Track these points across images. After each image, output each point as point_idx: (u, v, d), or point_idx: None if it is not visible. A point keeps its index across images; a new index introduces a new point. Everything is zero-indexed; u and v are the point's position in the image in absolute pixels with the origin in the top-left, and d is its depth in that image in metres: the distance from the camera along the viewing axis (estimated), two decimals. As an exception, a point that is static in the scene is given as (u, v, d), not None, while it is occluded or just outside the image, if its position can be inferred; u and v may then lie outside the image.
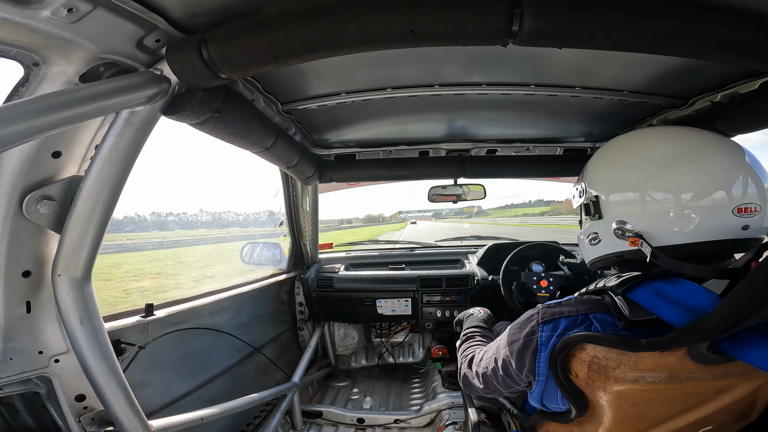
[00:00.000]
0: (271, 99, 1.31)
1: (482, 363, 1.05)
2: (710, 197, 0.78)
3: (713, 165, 0.81)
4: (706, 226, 0.78)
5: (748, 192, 0.78)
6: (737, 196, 0.77)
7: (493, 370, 0.99)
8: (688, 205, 0.79)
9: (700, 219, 0.78)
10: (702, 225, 0.78)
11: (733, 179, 0.79)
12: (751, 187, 0.78)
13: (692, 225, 0.79)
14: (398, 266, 2.54)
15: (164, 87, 0.80)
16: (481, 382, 1.06)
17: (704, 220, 0.78)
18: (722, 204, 0.77)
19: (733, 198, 0.77)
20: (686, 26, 0.71)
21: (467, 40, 0.71)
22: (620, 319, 0.74)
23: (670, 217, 0.80)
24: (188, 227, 71.80)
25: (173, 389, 1.39)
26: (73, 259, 0.83)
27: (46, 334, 0.87)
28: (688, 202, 0.79)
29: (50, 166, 0.79)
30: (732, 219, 0.77)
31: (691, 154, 0.83)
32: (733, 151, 0.83)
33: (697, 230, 0.79)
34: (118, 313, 1.21)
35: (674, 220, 0.80)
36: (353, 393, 2.37)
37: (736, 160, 0.81)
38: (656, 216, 0.82)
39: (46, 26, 0.62)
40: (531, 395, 0.96)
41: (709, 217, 0.78)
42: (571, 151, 2.05)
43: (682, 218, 0.79)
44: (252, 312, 1.99)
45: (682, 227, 0.80)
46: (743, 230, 0.77)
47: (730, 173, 0.80)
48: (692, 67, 1.13)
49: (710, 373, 0.72)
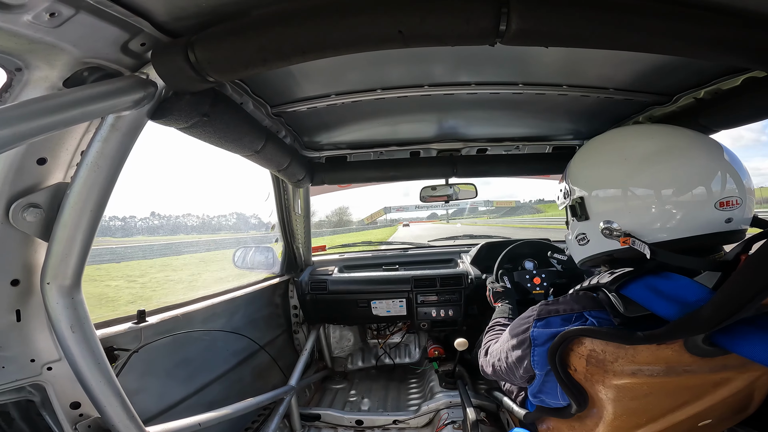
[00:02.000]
0: (260, 102, 1.31)
1: (494, 354, 1.10)
2: (691, 193, 0.80)
3: (693, 162, 0.83)
4: (691, 222, 0.80)
5: (728, 186, 0.79)
6: (717, 191, 0.79)
7: (499, 362, 1.04)
8: (670, 201, 0.81)
9: (684, 215, 0.80)
10: (687, 220, 0.80)
11: (712, 175, 0.80)
12: (730, 182, 0.80)
13: (677, 221, 0.80)
14: (392, 267, 2.54)
15: (150, 91, 0.80)
16: (493, 372, 1.12)
17: (688, 215, 0.80)
18: (704, 199, 0.79)
19: (714, 193, 0.79)
20: (670, 24, 0.72)
21: (455, 41, 0.72)
22: (615, 315, 0.75)
23: (654, 215, 0.82)
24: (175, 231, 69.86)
25: (169, 395, 1.38)
26: (61, 266, 0.82)
27: (38, 342, 0.86)
28: (670, 198, 0.80)
29: (35, 173, 0.78)
30: (715, 213, 0.78)
31: (671, 151, 0.85)
32: (712, 148, 0.84)
33: (682, 226, 0.80)
34: (110, 320, 1.20)
35: (659, 217, 0.82)
36: (351, 395, 2.36)
37: (715, 156, 0.83)
38: (641, 214, 0.84)
39: (27, 31, 0.61)
40: (529, 389, 0.98)
41: (692, 213, 0.80)
42: (560, 149, 2.08)
43: (667, 215, 0.81)
44: (246, 316, 1.98)
45: (666, 224, 0.81)
46: (727, 223, 0.79)
47: (710, 169, 0.81)
48: (675, 64, 1.14)
49: (707, 365, 0.73)
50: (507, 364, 1.00)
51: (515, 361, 0.96)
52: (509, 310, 1.49)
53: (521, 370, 0.95)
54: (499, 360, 1.04)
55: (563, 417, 0.93)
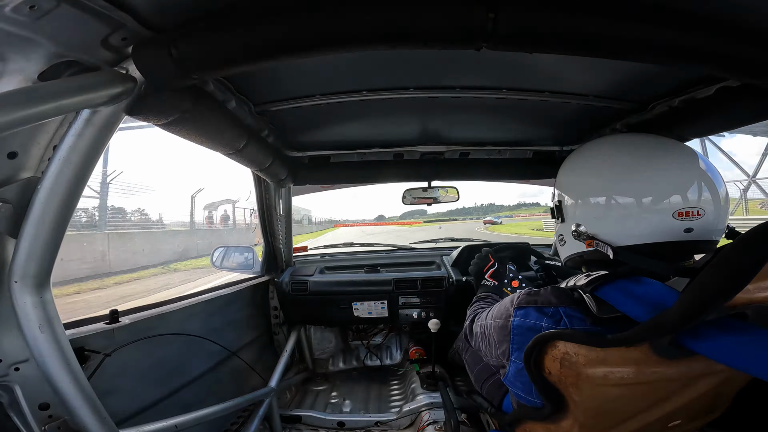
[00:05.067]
0: (244, 100, 1.30)
1: (478, 324, 1.12)
2: (647, 201, 0.83)
3: (655, 171, 0.86)
4: (647, 228, 0.84)
5: (691, 196, 0.82)
6: (677, 201, 0.82)
7: (482, 335, 1.07)
8: (629, 209, 0.85)
9: (641, 221, 0.84)
10: (643, 227, 0.84)
11: (675, 183, 0.84)
12: (694, 192, 0.83)
13: (636, 227, 0.84)
14: (373, 269, 2.54)
15: (129, 86, 0.78)
16: (473, 341, 1.15)
17: (645, 222, 0.84)
18: (661, 207, 0.82)
19: (673, 203, 0.82)
20: (648, 32, 0.74)
21: (442, 44, 0.73)
22: (588, 315, 0.78)
23: (615, 221, 0.86)
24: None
25: (144, 397, 1.34)
26: (30, 264, 0.80)
27: (5, 342, 0.83)
28: (630, 206, 0.85)
29: (5, 167, 0.76)
30: (672, 222, 0.82)
31: (639, 161, 0.89)
32: (683, 157, 0.88)
33: (642, 232, 0.84)
34: (80, 320, 1.16)
35: (619, 223, 0.86)
36: (332, 396, 2.35)
37: (684, 166, 0.86)
38: (603, 219, 0.88)
39: (5, 23, 0.59)
40: (506, 379, 1.00)
41: (649, 220, 0.83)
42: (540, 154, 2.12)
43: (626, 221, 0.85)
44: (224, 317, 1.94)
45: (626, 230, 0.85)
46: (686, 233, 0.82)
47: (672, 178, 0.85)
48: (651, 72, 1.18)
49: (675, 367, 0.75)
50: (488, 341, 1.03)
51: (496, 342, 0.99)
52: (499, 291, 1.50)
53: (500, 351, 0.98)
54: (481, 335, 1.08)
55: (539, 418, 0.95)
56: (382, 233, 31.57)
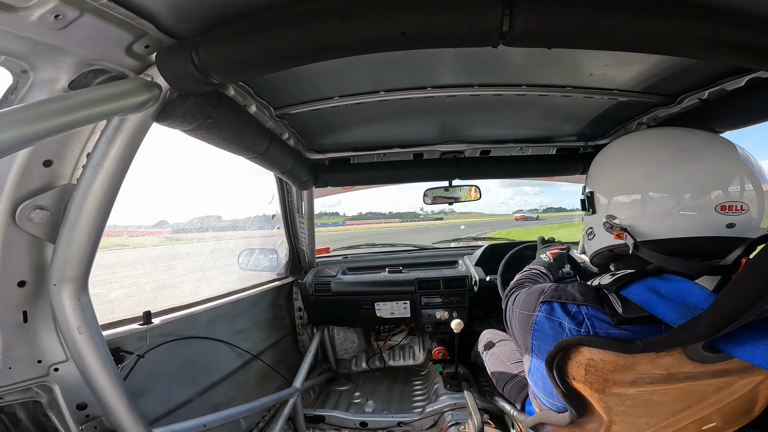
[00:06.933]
0: (264, 104, 1.32)
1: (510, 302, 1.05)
2: (691, 194, 0.79)
3: (697, 164, 0.82)
4: (687, 222, 0.79)
5: (733, 190, 0.78)
6: (719, 194, 0.77)
7: (510, 316, 1.03)
8: (669, 200, 0.80)
9: (681, 214, 0.79)
10: (683, 220, 0.79)
11: (717, 177, 0.80)
12: (736, 186, 0.78)
13: (673, 220, 0.80)
14: (396, 269, 2.54)
15: (155, 93, 0.80)
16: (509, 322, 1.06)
17: (685, 215, 0.79)
18: (704, 200, 0.78)
19: (716, 195, 0.77)
20: (673, 25, 0.71)
21: (458, 42, 0.72)
22: (613, 315, 0.75)
23: (651, 212, 0.82)
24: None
25: (174, 397, 1.38)
26: (68, 268, 0.83)
27: (44, 343, 0.87)
28: (670, 197, 0.80)
29: (42, 175, 0.79)
30: (715, 216, 0.77)
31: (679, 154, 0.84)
32: (723, 149, 0.83)
33: (679, 225, 0.80)
34: (116, 321, 1.21)
35: (656, 215, 0.82)
36: (355, 397, 2.36)
37: (725, 158, 0.82)
38: (639, 210, 0.84)
39: (32, 33, 0.61)
40: (529, 374, 0.98)
41: (690, 213, 0.79)
42: (564, 151, 2.07)
43: (664, 213, 0.81)
44: (250, 318, 1.98)
45: (663, 222, 0.81)
46: (728, 228, 0.78)
47: (714, 171, 0.81)
48: (680, 65, 1.14)
49: (708, 371, 0.71)
50: (515, 325, 0.99)
51: (520, 331, 0.95)
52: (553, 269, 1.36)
53: (522, 341, 0.95)
54: (512, 318, 1.01)
55: (563, 423, 0.92)
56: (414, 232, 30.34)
